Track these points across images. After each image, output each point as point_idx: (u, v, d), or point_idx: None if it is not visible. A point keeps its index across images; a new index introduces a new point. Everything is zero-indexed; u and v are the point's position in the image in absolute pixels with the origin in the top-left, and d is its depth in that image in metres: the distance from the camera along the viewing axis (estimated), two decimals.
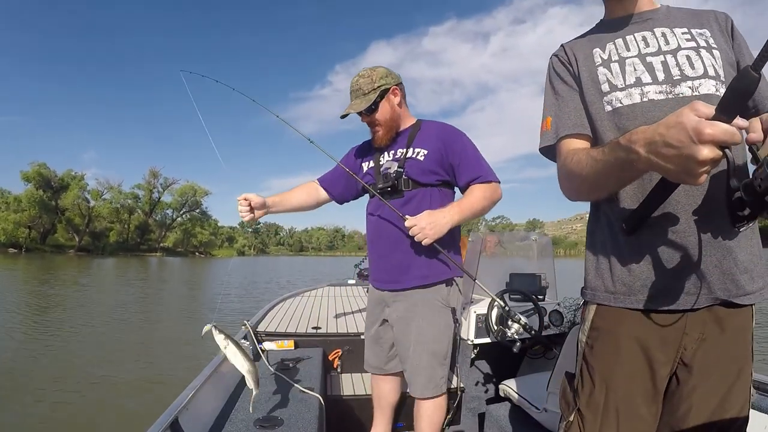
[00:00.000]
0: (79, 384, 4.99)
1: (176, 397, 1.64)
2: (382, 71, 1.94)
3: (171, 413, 1.50)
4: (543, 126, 1.21)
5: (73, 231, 65.19)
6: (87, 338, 7.22)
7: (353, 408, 2.51)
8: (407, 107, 2.05)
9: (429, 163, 1.90)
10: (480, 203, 1.87)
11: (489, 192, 1.89)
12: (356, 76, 1.95)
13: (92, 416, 4.21)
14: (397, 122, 1.99)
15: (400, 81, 1.99)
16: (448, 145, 1.91)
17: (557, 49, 1.24)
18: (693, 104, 0.72)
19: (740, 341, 1.04)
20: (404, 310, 1.91)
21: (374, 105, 1.91)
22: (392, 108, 1.95)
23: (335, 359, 2.83)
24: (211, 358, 2.17)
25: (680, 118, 0.72)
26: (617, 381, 1.06)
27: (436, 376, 1.89)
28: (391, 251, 1.93)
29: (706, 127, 0.69)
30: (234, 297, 13.63)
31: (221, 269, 33.24)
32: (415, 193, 1.91)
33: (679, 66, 1.05)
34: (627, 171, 0.88)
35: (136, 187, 75.35)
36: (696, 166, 0.71)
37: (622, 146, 0.84)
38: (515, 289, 2.89)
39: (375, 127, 1.97)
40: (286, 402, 1.84)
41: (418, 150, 1.93)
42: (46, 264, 31.40)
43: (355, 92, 1.93)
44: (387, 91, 1.93)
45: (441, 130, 1.98)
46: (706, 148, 0.69)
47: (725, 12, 1.13)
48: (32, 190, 59.98)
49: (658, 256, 1.02)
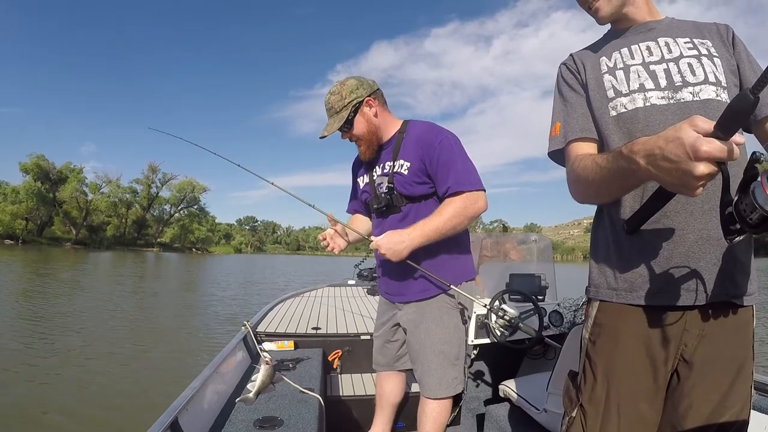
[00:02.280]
0: (76, 383, 4.96)
1: (176, 397, 1.64)
2: (351, 84, 1.84)
3: (171, 413, 1.50)
4: (552, 131, 1.25)
5: (70, 224, 65.22)
6: (84, 336, 7.18)
7: (353, 408, 2.51)
8: (389, 112, 1.95)
9: (413, 175, 1.81)
10: (449, 222, 1.73)
11: (461, 206, 1.74)
12: (328, 93, 1.86)
13: (86, 412, 4.19)
14: (376, 134, 1.89)
15: (374, 89, 1.87)
16: (425, 152, 1.80)
17: (566, 58, 1.29)
18: (693, 119, 0.74)
19: (740, 339, 1.05)
20: (414, 313, 1.91)
21: (348, 122, 1.83)
22: (368, 121, 1.86)
23: (335, 360, 2.83)
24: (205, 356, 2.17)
25: (679, 133, 0.74)
26: (619, 376, 1.08)
27: (448, 376, 1.86)
28: (394, 267, 1.88)
29: (702, 145, 0.71)
30: (230, 297, 13.60)
31: (218, 266, 33.20)
32: (410, 207, 1.86)
33: (681, 73, 1.09)
34: (629, 180, 0.92)
35: (134, 182, 75.73)
36: (692, 181, 0.74)
37: (624, 156, 0.87)
38: (515, 290, 2.88)
39: (356, 142, 1.90)
40: (286, 402, 1.85)
41: (402, 162, 1.84)
42: (42, 256, 31.32)
43: (329, 111, 1.85)
44: (360, 104, 1.83)
45: (420, 133, 1.86)
46: (702, 165, 0.72)
47: (726, 24, 1.17)
48: (30, 182, 60.07)
49: (658, 254, 1.04)
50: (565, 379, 1.25)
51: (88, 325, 7.90)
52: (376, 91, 1.89)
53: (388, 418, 2.18)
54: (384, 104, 1.93)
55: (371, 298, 4.49)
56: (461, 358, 1.92)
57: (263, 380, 1.88)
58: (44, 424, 3.91)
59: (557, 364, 2.10)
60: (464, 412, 2.74)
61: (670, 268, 1.03)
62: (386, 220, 1.90)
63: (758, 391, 1.65)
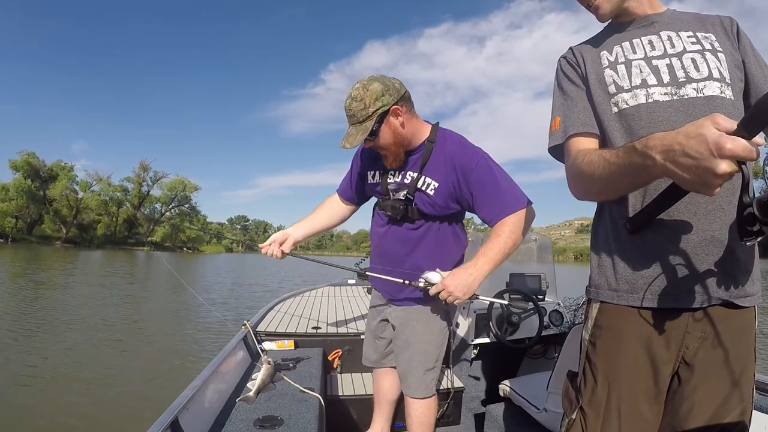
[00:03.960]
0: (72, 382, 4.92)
1: (176, 397, 1.62)
2: (376, 90, 1.64)
3: (171, 413, 1.48)
4: (552, 126, 1.22)
5: (60, 222, 64.61)
6: (81, 337, 7.11)
7: (353, 408, 2.51)
8: (418, 117, 1.78)
9: (439, 198, 1.74)
10: (509, 244, 1.68)
11: (516, 224, 1.69)
12: (348, 97, 1.68)
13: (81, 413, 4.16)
14: (404, 144, 1.74)
15: (401, 94, 1.69)
16: (461, 177, 1.70)
17: (566, 51, 1.26)
18: (714, 117, 0.73)
19: (742, 341, 1.04)
20: (402, 311, 1.92)
21: (373, 133, 1.67)
22: (394, 132, 1.69)
23: (335, 359, 2.82)
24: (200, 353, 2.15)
25: (701, 130, 0.72)
26: (620, 379, 1.07)
27: (427, 378, 1.87)
28: (390, 270, 1.88)
29: (727, 142, 0.69)
30: (224, 297, 13.54)
31: (210, 265, 33.03)
32: (422, 223, 1.82)
33: (684, 68, 1.07)
34: (641, 176, 0.89)
35: (125, 180, 75.05)
36: (713, 179, 0.72)
37: (638, 151, 0.84)
38: (515, 289, 2.89)
39: (381, 151, 1.77)
40: (286, 401, 1.84)
41: (429, 182, 1.75)
42: (32, 255, 31.00)
43: (350, 119, 1.68)
44: (386, 113, 1.66)
45: (454, 155, 1.73)
46: (725, 163, 0.70)
47: (730, 16, 1.15)
48: (20, 180, 59.42)
49: (660, 255, 1.02)
50: (564, 380, 1.24)
51: (86, 325, 7.83)
52: (404, 95, 1.71)
53: (387, 415, 2.20)
54: (412, 109, 1.76)
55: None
56: (440, 359, 1.92)
57: (263, 379, 1.88)
58: (44, 424, 3.87)
59: (557, 364, 2.10)
60: (464, 411, 2.74)
61: (673, 269, 1.01)
62: (398, 227, 1.87)
63: (759, 391, 1.65)
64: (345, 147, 1.68)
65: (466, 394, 2.73)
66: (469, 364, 2.77)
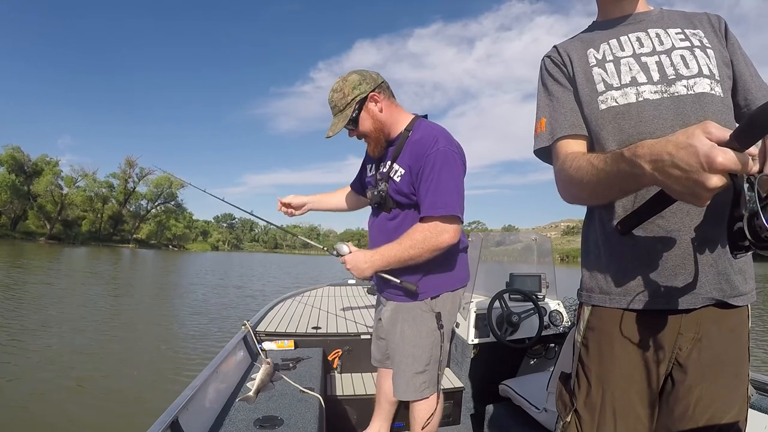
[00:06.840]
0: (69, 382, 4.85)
1: (176, 397, 1.61)
2: (354, 80, 1.75)
3: (171, 413, 1.48)
4: (537, 128, 1.19)
5: (44, 218, 63.84)
6: (78, 337, 6.99)
7: (353, 408, 2.51)
8: (398, 106, 1.85)
9: (404, 184, 1.76)
10: (407, 252, 1.68)
11: (421, 238, 1.67)
12: (330, 90, 1.79)
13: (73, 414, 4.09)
14: (384, 131, 1.81)
15: (378, 83, 1.77)
16: (415, 162, 1.71)
17: (550, 50, 1.23)
18: (706, 126, 0.70)
19: (735, 341, 1.03)
20: (392, 311, 1.89)
21: (353, 121, 1.75)
22: (373, 118, 1.77)
23: (335, 359, 2.82)
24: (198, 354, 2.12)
25: (692, 140, 0.69)
26: (613, 381, 1.06)
27: (417, 380, 1.82)
28: None
29: (718, 156, 0.66)
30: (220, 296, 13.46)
31: (195, 263, 32.82)
32: (398, 212, 1.82)
33: (673, 65, 1.05)
34: (630, 183, 0.86)
35: (111, 176, 74.32)
36: (703, 192, 0.70)
37: (625, 159, 0.81)
38: (515, 289, 2.88)
39: (364, 139, 1.85)
40: (286, 402, 1.84)
41: (397, 168, 1.78)
42: (15, 251, 30.54)
43: (333, 109, 1.78)
44: (365, 100, 1.75)
45: (417, 141, 1.74)
46: (716, 177, 0.67)
47: (718, 15, 1.14)
48: (4, 174, 58.57)
49: (652, 256, 1.01)
50: (557, 382, 1.22)
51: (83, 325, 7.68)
52: (381, 84, 1.79)
53: (387, 415, 2.19)
54: (391, 97, 1.83)
55: (371, 298, 4.47)
56: (433, 362, 1.84)
57: (263, 379, 1.89)
58: (44, 424, 3.83)
59: (557, 364, 2.10)
60: (464, 411, 2.75)
61: (665, 270, 1.00)
62: (378, 217, 1.90)
63: (758, 391, 1.66)
64: (329, 136, 1.79)
65: (466, 394, 2.74)
66: (468, 364, 2.76)
